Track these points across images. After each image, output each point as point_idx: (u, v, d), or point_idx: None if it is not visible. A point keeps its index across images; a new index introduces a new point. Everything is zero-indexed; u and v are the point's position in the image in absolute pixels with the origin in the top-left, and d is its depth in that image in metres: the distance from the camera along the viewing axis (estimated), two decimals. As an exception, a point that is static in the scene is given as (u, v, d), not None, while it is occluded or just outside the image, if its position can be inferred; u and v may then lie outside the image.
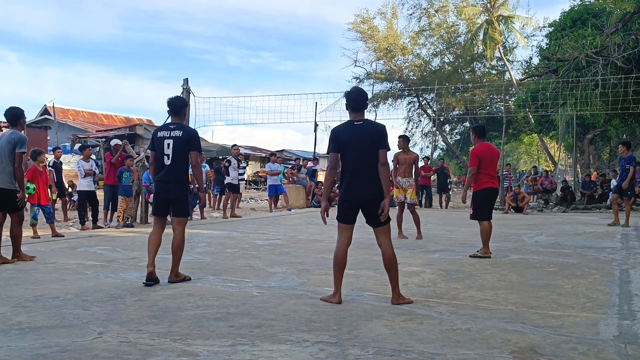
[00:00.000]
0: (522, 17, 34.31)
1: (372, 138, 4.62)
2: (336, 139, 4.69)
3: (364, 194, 4.64)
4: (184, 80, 12.14)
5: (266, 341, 3.59)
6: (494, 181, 7.45)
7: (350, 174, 4.64)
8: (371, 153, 4.61)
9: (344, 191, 4.71)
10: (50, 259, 6.78)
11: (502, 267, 6.54)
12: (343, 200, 4.73)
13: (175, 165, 5.45)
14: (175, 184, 5.48)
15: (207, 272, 6.00)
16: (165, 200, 5.55)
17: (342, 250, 4.75)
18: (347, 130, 4.68)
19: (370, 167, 4.62)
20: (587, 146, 24.73)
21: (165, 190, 5.51)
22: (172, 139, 5.44)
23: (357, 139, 4.62)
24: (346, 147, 4.63)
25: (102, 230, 10.32)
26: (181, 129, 5.51)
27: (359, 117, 4.73)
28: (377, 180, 4.61)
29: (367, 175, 4.62)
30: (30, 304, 4.52)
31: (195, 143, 5.56)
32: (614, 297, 5.02)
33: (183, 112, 5.76)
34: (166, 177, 5.48)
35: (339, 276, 4.72)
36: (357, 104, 4.76)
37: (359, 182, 4.62)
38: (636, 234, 10.42)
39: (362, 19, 37.56)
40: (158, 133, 5.57)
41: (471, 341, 3.64)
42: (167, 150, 5.43)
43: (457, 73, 38.33)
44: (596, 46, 17.77)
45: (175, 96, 5.85)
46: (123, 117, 48.88)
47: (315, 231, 10.42)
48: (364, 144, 4.61)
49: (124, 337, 3.63)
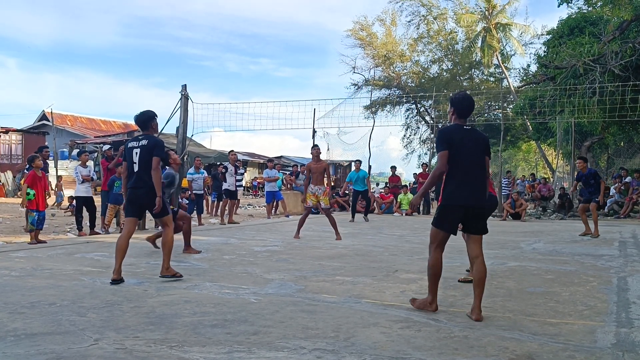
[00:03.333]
0: (520, 25, 34.49)
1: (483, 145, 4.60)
2: (450, 140, 4.51)
3: (474, 198, 4.48)
4: (182, 86, 12.11)
5: (263, 348, 3.58)
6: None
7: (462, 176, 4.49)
8: (482, 159, 4.57)
9: (452, 194, 4.51)
10: (47, 265, 6.75)
11: (499, 275, 6.54)
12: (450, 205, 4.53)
13: (143, 171, 5.83)
14: (144, 188, 5.84)
15: (204, 279, 5.98)
16: (138, 205, 5.96)
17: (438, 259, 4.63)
18: (458, 134, 4.54)
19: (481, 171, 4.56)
20: (584, 153, 24.74)
21: (136, 196, 5.90)
22: (139, 148, 5.89)
23: (468, 143, 4.51)
24: (459, 149, 4.48)
25: (100, 236, 10.29)
26: (147, 139, 5.93)
27: (465, 123, 4.65)
28: (486, 186, 4.58)
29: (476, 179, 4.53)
30: (26, 310, 4.50)
31: (158, 150, 5.89)
32: (612, 304, 5.01)
33: (150, 125, 6.09)
34: (136, 183, 5.87)
35: (436, 283, 4.63)
36: (467, 109, 4.69)
37: (469, 187, 4.48)
38: (634, 242, 10.43)
39: (360, 26, 37.72)
40: (128, 144, 6.04)
41: (468, 349, 3.63)
42: (135, 158, 5.89)
43: (455, 80, 38.43)
44: (594, 54, 17.84)
45: (141, 112, 6.13)
46: (121, 123, 48.90)
47: (313, 238, 10.41)
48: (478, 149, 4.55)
49: (120, 344, 3.62)
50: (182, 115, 12.01)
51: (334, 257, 7.79)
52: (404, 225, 13.91)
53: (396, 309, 4.72)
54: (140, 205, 5.97)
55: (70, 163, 26.76)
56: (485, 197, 4.54)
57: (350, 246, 9.16)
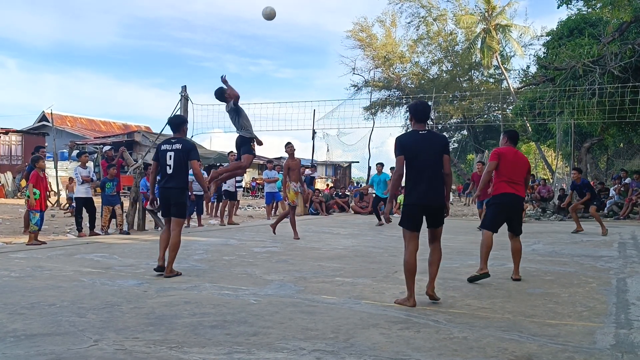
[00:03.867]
0: (519, 26, 34.52)
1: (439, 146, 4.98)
2: (403, 147, 4.94)
3: (427, 197, 4.90)
4: (182, 87, 12.15)
5: (263, 349, 3.58)
6: (517, 187, 6.30)
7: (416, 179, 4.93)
8: (438, 160, 4.94)
9: (409, 195, 4.96)
10: (47, 266, 6.76)
11: (499, 276, 6.54)
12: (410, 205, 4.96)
13: (175, 174, 6.33)
14: (175, 189, 6.33)
15: (204, 280, 5.99)
16: (167, 203, 6.40)
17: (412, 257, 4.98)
18: (413, 139, 4.98)
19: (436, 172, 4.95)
20: (584, 155, 24.79)
21: (167, 195, 6.38)
22: (174, 151, 6.35)
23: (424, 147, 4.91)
24: (413, 153, 4.89)
25: (99, 237, 10.29)
26: (181, 143, 6.42)
27: (423, 127, 5.05)
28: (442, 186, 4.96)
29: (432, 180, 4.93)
30: (26, 311, 4.51)
31: (194, 154, 6.41)
32: (611, 306, 5.02)
33: (182, 128, 6.64)
34: (167, 184, 6.38)
35: (412, 280, 4.94)
36: (422, 115, 5.09)
37: (424, 187, 4.88)
38: (633, 243, 10.44)
39: (360, 27, 37.76)
40: (161, 146, 6.48)
41: (468, 350, 3.64)
42: (169, 161, 6.34)
43: (454, 81, 38.47)
44: (593, 55, 17.86)
45: (175, 115, 6.66)
46: (121, 124, 48.89)
47: (312, 239, 10.41)
48: (432, 152, 4.92)
49: (120, 345, 3.62)
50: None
51: (333, 258, 7.79)
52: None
53: (396, 310, 4.72)
54: (169, 204, 6.38)
55: (70, 164, 26.74)
56: (440, 195, 4.93)
57: (349, 247, 9.17)
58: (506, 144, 6.54)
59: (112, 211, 11.11)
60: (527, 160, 6.72)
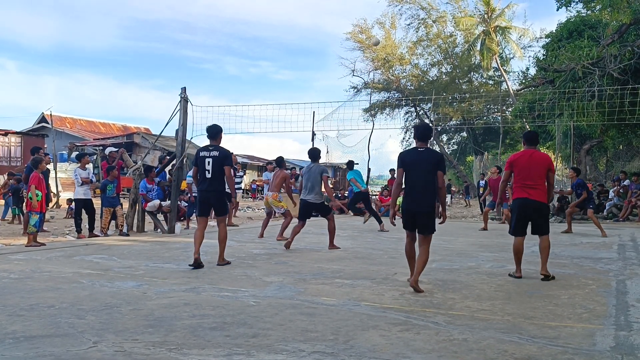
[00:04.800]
0: (518, 28, 34.51)
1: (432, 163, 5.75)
2: (402, 161, 5.86)
3: (415, 204, 5.76)
4: (181, 89, 12.12)
5: (262, 351, 3.58)
6: (529, 191, 6.46)
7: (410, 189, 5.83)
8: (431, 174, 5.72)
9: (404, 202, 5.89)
10: (46, 268, 6.75)
11: (498, 277, 6.54)
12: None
13: (214, 178, 7.05)
14: (215, 192, 7.10)
15: (203, 282, 5.98)
16: (208, 205, 7.20)
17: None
18: (411, 155, 5.85)
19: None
20: (583, 157, 24.78)
21: (207, 198, 7.13)
22: (212, 158, 7.05)
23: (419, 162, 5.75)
24: (410, 168, 5.78)
25: (99, 239, 10.29)
26: (218, 150, 7.11)
27: (422, 145, 5.87)
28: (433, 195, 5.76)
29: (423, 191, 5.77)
30: (25, 312, 4.50)
31: (228, 161, 7.14)
32: (611, 307, 5.02)
33: (219, 136, 7.25)
34: (209, 187, 7.08)
35: (411, 264, 5.90)
36: (422, 135, 5.91)
37: (414, 196, 5.75)
38: (633, 245, 10.43)
39: (360, 29, 37.74)
40: (200, 153, 7.17)
41: (468, 352, 3.63)
42: (208, 166, 7.05)
43: (454, 83, 38.46)
44: (592, 57, 17.89)
45: (212, 124, 7.35)
46: (120, 126, 48.90)
47: (312, 240, 10.41)
48: (425, 167, 5.73)
49: (119, 347, 3.62)
50: (181, 118, 12.02)
51: (333, 260, 7.79)
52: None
53: (395, 312, 4.72)
54: (209, 204, 7.19)
55: (70, 165, 26.73)
56: (425, 204, 5.71)
57: (349, 249, 9.16)
58: (524, 147, 6.78)
59: (113, 213, 11.11)
60: (545, 158, 6.67)
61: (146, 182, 11.71)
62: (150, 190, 11.74)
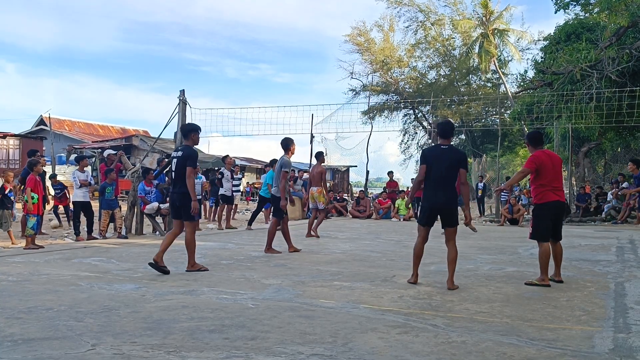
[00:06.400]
0: (517, 31, 34.63)
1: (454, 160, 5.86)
2: (425, 157, 5.96)
3: (436, 201, 5.90)
4: (180, 91, 12.12)
5: (261, 353, 3.57)
6: (559, 194, 6.25)
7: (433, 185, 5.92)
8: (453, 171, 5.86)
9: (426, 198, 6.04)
10: (44, 270, 6.74)
11: (497, 280, 6.54)
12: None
13: (177, 179, 6.78)
14: (178, 194, 6.78)
15: (201, 284, 5.98)
16: (175, 207, 6.92)
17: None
18: (434, 152, 5.96)
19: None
20: (582, 159, 24.82)
21: (173, 200, 6.92)
22: (176, 158, 6.84)
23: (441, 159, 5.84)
24: (432, 164, 5.86)
25: (97, 242, 10.28)
26: (183, 150, 6.85)
27: (446, 142, 5.95)
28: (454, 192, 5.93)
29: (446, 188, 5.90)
30: (23, 315, 4.49)
31: (190, 161, 6.72)
32: (609, 310, 5.02)
33: (190, 136, 6.96)
34: (173, 189, 6.92)
35: (416, 263, 6.12)
36: (445, 132, 5.98)
37: (434, 192, 5.87)
38: (631, 247, 10.44)
39: (359, 32, 37.82)
40: (172, 154, 7.05)
41: (467, 354, 3.63)
42: (173, 167, 6.86)
43: (452, 86, 38.55)
44: (590, 60, 17.92)
45: (188, 123, 7.20)
46: (119, 128, 48.90)
47: (311, 243, 10.40)
48: (447, 164, 5.82)
49: (118, 349, 3.61)
50: (180, 121, 12.02)
51: (331, 262, 7.78)
52: (402, 230, 13.91)
53: (394, 314, 4.72)
54: (176, 207, 6.86)
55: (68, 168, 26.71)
56: (448, 200, 5.84)
57: (348, 251, 9.16)
58: (534, 149, 6.37)
59: (111, 215, 11.09)
60: (559, 158, 6.57)
61: (144, 185, 11.70)
62: (149, 193, 11.74)
